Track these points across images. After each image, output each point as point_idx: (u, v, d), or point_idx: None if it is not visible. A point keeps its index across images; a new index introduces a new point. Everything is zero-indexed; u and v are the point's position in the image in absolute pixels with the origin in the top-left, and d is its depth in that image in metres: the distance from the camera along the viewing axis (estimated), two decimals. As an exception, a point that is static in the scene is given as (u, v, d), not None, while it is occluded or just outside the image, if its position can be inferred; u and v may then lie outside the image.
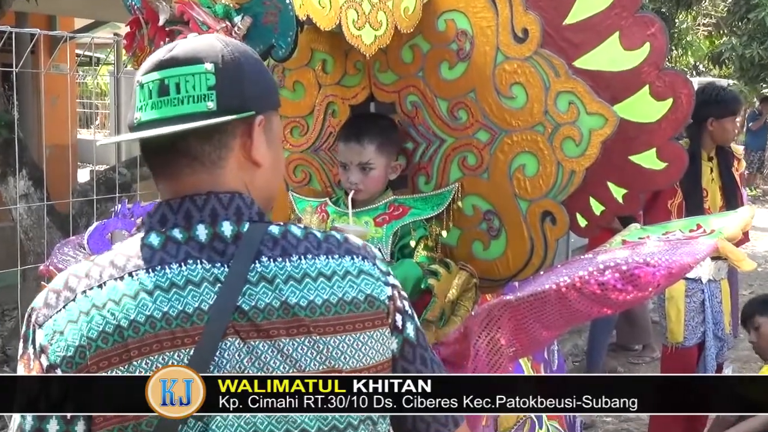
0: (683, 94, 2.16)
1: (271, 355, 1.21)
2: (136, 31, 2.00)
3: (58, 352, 1.16)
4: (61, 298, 1.21)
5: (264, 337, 1.20)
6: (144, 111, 1.25)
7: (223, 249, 1.23)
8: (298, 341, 1.22)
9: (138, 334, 1.16)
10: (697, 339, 4.37)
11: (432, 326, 2.27)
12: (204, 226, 1.24)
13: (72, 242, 2.80)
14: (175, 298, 1.18)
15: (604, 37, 2.21)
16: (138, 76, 1.28)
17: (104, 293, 1.18)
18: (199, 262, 1.21)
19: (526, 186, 2.33)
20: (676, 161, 2.21)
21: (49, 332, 1.18)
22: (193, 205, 1.25)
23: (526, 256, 2.37)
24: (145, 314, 1.17)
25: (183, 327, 1.17)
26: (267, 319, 1.21)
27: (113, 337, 1.16)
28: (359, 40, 2.12)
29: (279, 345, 1.21)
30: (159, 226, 1.25)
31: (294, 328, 1.22)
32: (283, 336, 1.21)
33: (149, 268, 1.20)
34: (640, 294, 1.78)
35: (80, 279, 1.21)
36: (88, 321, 1.17)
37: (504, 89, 2.31)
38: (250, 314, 1.20)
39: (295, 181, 2.73)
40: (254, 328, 1.20)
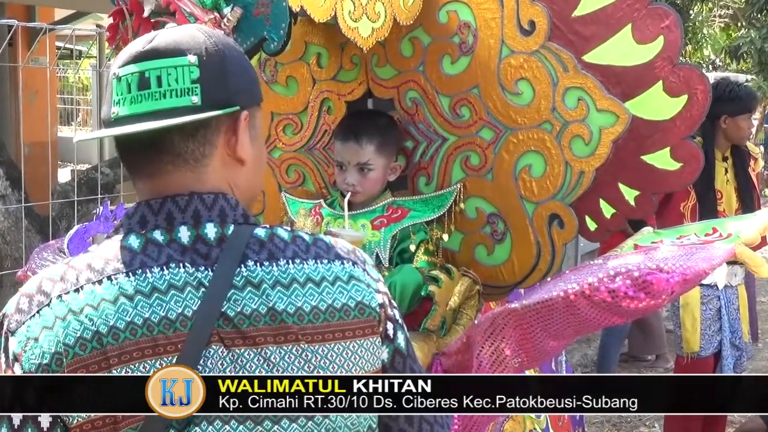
0: (699, 90, 2.16)
1: (257, 363, 1.20)
2: (120, 23, 2.00)
3: (32, 360, 1.15)
4: (34, 302, 1.19)
5: (250, 345, 1.20)
6: (122, 105, 1.24)
7: (206, 252, 1.23)
8: (285, 349, 1.22)
9: (117, 341, 1.15)
10: (713, 348, 4.37)
11: (433, 335, 2.27)
12: (186, 227, 1.24)
13: (51, 246, 2.80)
14: (156, 304, 1.18)
15: (615, 29, 2.21)
16: (114, 69, 1.26)
17: (81, 298, 1.17)
18: (182, 266, 1.21)
19: (532, 187, 2.33)
20: (691, 161, 2.21)
21: (23, 339, 1.17)
22: (175, 206, 1.25)
23: (533, 262, 2.37)
24: (125, 320, 1.16)
25: (165, 334, 1.17)
26: (253, 325, 1.21)
27: (91, 344, 1.15)
28: (356, 33, 2.12)
29: (265, 353, 1.21)
30: (139, 227, 1.24)
31: (281, 336, 1.22)
32: (270, 344, 1.21)
33: (129, 272, 1.19)
34: (653, 302, 1.78)
35: (55, 283, 1.20)
36: (65, 327, 1.16)
37: (509, 85, 2.31)
38: (236, 321, 1.20)
39: (288, 182, 2.73)
40: (239, 335, 1.20)
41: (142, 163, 1.27)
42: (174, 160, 1.26)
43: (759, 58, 10.98)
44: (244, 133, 1.29)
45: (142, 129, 1.22)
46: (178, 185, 1.26)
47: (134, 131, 1.23)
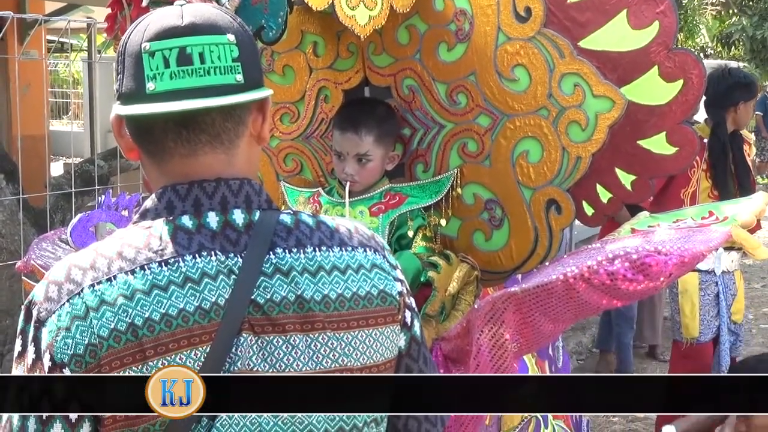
0: (694, 75, 2.18)
1: (285, 351, 1.22)
2: (118, 13, 2.01)
3: (65, 350, 1.14)
4: (63, 291, 1.17)
5: (279, 332, 1.21)
6: (158, 80, 1.21)
7: (236, 239, 1.23)
8: (311, 337, 1.23)
9: (153, 333, 1.15)
10: (712, 333, 4.40)
11: (432, 321, 2.29)
12: (215, 213, 1.24)
13: (49, 237, 2.81)
14: (190, 294, 1.18)
15: (611, 15, 2.22)
16: (142, 42, 1.22)
17: (115, 288, 1.16)
18: (213, 254, 1.21)
19: (529, 173, 2.35)
20: (686, 146, 2.23)
21: (53, 329, 1.16)
22: (203, 192, 1.25)
23: (530, 247, 2.39)
24: (160, 312, 1.16)
25: (200, 324, 1.17)
26: (282, 313, 1.22)
27: (126, 336, 1.15)
28: (353, 21, 2.13)
29: (294, 341, 1.22)
30: (166, 213, 1.24)
31: (308, 324, 1.23)
32: (297, 331, 1.22)
33: (161, 262, 1.19)
34: (652, 284, 1.80)
35: (85, 271, 1.18)
36: (98, 318, 1.15)
37: (506, 71, 2.32)
38: (266, 308, 1.21)
39: (286, 171, 2.74)
40: (269, 323, 1.21)
41: (174, 143, 1.25)
42: (212, 141, 1.25)
43: (750, 45, 11.03)
44: (268, 112, 1.32)
45: (199, 106, 1.21)
46: (207, 168, 1.26)
47: (190, 108, 1.21)
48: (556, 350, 3.11)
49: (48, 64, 10.50)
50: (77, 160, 6.44)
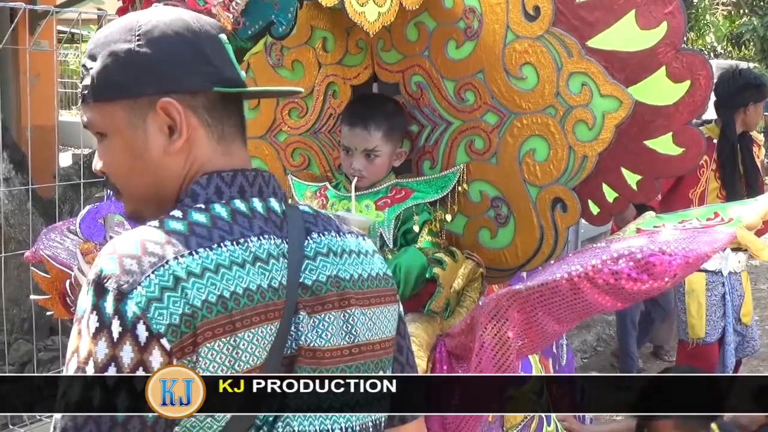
0: (701, 76, 2.19)
1: (336, 326, 1.31)
2: (130, 6, 2.02)
3: (161, 321, 1.14)
4: (145, 263, 1.17)
5: (328, 309, 1.31)
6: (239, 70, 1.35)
7: (279, 224, 1.30)
8: (348, 313, 1.33)
9: (239, 305, 1.19)
10: (718, 334, 4.40)
11: (437, 317, 2.30)
12: (258, 200, 1.31)
13: (59, 228, 2.83)
14: (261, 272, 1.23)
15: (619, 15, 2.23)
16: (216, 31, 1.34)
17: (199, 261, 1.19)
18: (272, 237, 1.28)
19: (536, 171, 2.35)
20: (693, 147, 2.23)
21: (142, 300, 1.14)
22: (245, 179, 1.31)
23: (536, 245, 2.40)
24: (242, 286, 1.20)
25: (273, 300, 1.23)
26: (329, 291, 1.31)
27: (216, 308, 1.17)
28: (362, 17, 2.14)
29: (332, 318, 1.31)
30: (216, 197, 1.29)
31: (345, 300, 1.33)
32: (336, 308, 1.32)
33: (233, 240, 1.23)
34: (656, 284, 1.80)
35: (163, 245, 1.19)
36: (190, 288, 1.16)
37: (514, 70, 2.33)
38: (314, 288, 1.30)
39: (293, 165, 2.75)
40: (318, 302, 1.30)
41: (236, 130, 1.36)
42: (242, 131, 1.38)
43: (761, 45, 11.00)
44: None
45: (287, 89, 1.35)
46: (243, 157, 1.36)
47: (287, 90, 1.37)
48: (560, 348, 3.12)
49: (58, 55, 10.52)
50: (86, 150, 6.45)
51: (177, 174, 1.31)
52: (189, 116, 1.29)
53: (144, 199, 1.34)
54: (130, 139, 1.30)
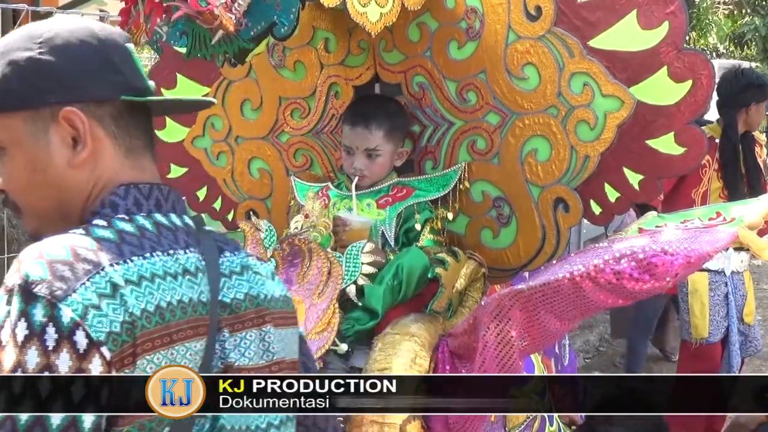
0: (703, 76, 2.18)
1: (256, 345, 1.28)
2: (132, 7, 2.02)
3: (100, 328, 1.08)
4: (78, 269, 1.10)
5: (248, 327, 1.27)
6: (147, 80, 1.29)
7: (195, 241, 1.26)
8: (264, 330, 1.30)
9: (175, 317, 1.16)
10: (721, 334, 4.40)
11: (439, 317, 2.30)
12: (174, 215, 1.27)
13: (61, 229, 2.83)
14: (190, 285, 1.20)
15: (621, 15, 2.23)
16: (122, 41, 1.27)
17: (134, 269, 1.14)
18: (195, 252, 1.24)
19: (538, 171, 2.36)
20: (695, 146, 2.23)
21: (79, 306, 1.07)
22: (161, 194, 1.27)
23: (538, 245, 2.40)
24: (176, 298, 1.17)
25: (202, 315, 1.20)
26: (247, 309, 1.28)
27: (155, 318, 1.13)
28: (364, 18, 2.14)
29: (260, 334, 1.28)
30: (136, 209, 1.24)
31: (260, 318, 1.29)
32: (254, 326, 1.28)
33: (164, 251, 1.19)
34: (657, 284, 1.81)
35: (96, 252, 1.13)
36: (129, 296, 1.11)
37: (515, 70, 2.33)
38: (233, 306, 1.26)
39: (296, 166, 2.76)
40: (238, 320, 1.26)
41: (147, 140, 1.31)
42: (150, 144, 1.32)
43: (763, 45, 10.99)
44: None
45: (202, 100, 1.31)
46: (152, 171, 1.31)
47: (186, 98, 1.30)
48: (562, 348, 3.12)
49: (61, 56, 10.49)
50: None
51: (82, 189, 1.24)
52: (94, 127, 1.22)
53: (46, 216, 1.26)
54: (32, 152, 1.22)
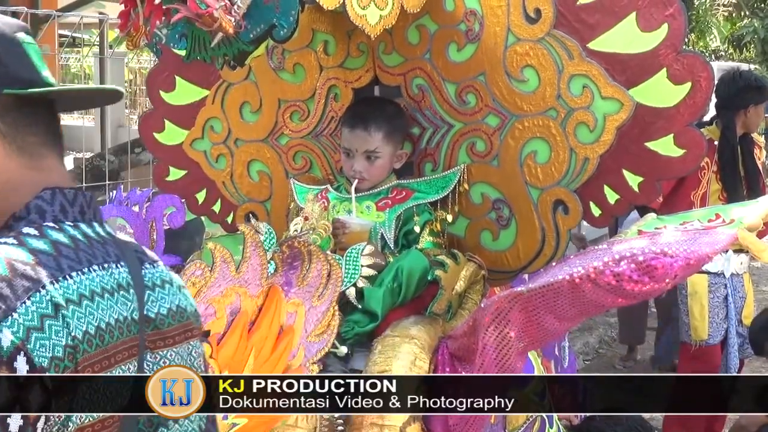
0: (702, 78, 2.19)
1: (178, 362, 1.21)
2: (132, 10, 2.02)
3: (43, 353, 1.01)
4: (17, 287, 1.02)
5: (170, 345, 1.20)
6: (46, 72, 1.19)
7: (122, 252, 1.19)
8: (192, 345, 1.25)
9: (113, 338, 1.09)
10: (720, 336, 4.40)
11: (439, 319, 2.30)
12: (97, 224, 1.19)
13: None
14: (123, 302, 1.13)
15: (620, 17, 2.23)
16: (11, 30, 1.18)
17: (74, 287, 1.06)
18: (123, 264, 1.17)
19: (537, 173, 2.36)
20: (694, 148, 2.23)
21: (19, 329, 1.00)
22: (84, 200, 1.19)
23: (537, 247, 2.40)
24: (113, 317, 1.10)
25: (134, 333, 1.13)
26: (170, 324, 1.21)
27: (96, 340, 1.06)
28: (364, 20, 2.15)
29: (187, 349, 1.24)
30: (63, 216, 1.15)
31: (188, 332, 1.24)
32: (178, 343, 1.22)
33: (99, 265, 1.12)
34: (657, 285, 1.81)
35: (34, 267, 1.05)
36: (71, 317, 1.04)
37: (515, 72, 2.34)
38: (157, 321, 1.19)
39: (295, 168, 2.76)
40: (160, 337, 1.19)
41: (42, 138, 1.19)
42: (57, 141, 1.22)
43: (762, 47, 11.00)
44: None
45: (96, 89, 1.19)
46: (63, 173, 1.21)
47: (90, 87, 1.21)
48: (562, 350, 3.12)
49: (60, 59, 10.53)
50: (88, 154, 6.47)
51: None
52: None
53: None
54: None
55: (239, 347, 1.82)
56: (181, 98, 2.89)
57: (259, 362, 1.88)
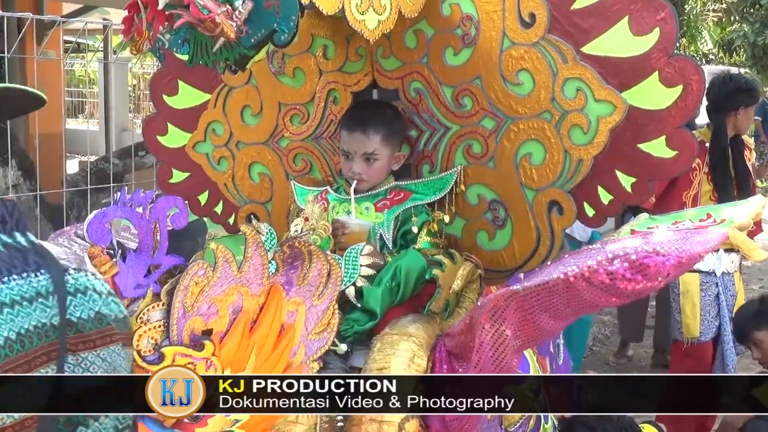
0: (693, 81, 2.19)
1: (97, 365, 1.21)
2: (135, 15, 2.02)
3: None
4: None
5: (90, 348, 1.21)
6: None
7: (43, 260, 1.21)
8: (111, 349, 1.24)
9: (33, 344, 1.12)
10: (712, 333, 4.41)
11: (437, 318, 2.30)
12: (19, 234, 1.21)
13: (66, 233, 2.83)
14: (42, 309, 1.15)
15: (613, 22, 2.24)
16: None
17: None
18: (44, 272, 1.19)
19: (532, 175, 2.36)
20: (685, 149, 2.24)
21: None
22: (6, 210, 1.21)
23: (533, 247, 2.40)
24: (32, 323, 1.13)
25: (54, 339, 1.15)
26: (92, 329, 1.22)
27: (17, 346, 1.10)
28: (362, 25, 2.15)
29: (102, 355, 1.23)
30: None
31: (108, 337, 1.24)
32: (98, 347, 1.22)
33: (18, 275, 1.15)
34: (650, 284, 1.81)
35: None
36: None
37: (510, 75, 2.34)
38: (79, 326, 1.20)
39: (296, 170, 2.76)
40: (81, 340, 1.20)
41: None
42: None
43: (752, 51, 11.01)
44: None
45: None
46: None
47: None
48: (557, 347, 3.12)
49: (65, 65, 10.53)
50: (92, 157, 6.48)
51: None
52: None
53: None
54: None
55: (241, 345, 1.82)
56: (183, 102, 2.89)
57: (261, 359, 1.87)
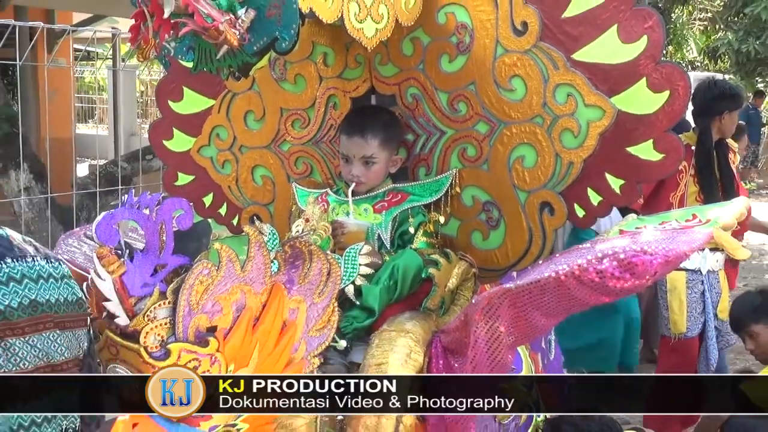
0: (680, 86, 2.19)
1: (26, 351, 1.24)
2: (141, 24, 2.01)
3: None
4: None
5: (18, 335, 1.23)
6: None
7: None
8: (44, 336, 1.27)
9: None
10: (698, 329, 4.42)
11: (432, 315, 2.30)
12: None
13: (75, 234, 2.83)
14: None
15: (602, 30, 2.23)
16: None
17: None
18: None
19: (524, 177, 2.36)
20: (672, 152, 2.24)
21: None
22: None
23: (525, 246, 2.40)
24: None
25: None
26: (20, 317, 1.23)
27: None
28: (361, 33, 2.15)
29: (32, 341, 1.25)
30: None
31: (41, 324, 1.26)
32: (27, 333, 1.24)
33: None
34: (638, 282, 1.81)
35: None
36: None
37: (503, 82, 2.34)
38: (6, 313, 1.22)
39: (297, 173, 2.76)
40: (8, 327, 1.22)
41: None
42: None
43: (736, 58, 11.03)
44: None
45: None
46: None
47: None
48: (548, 343, 3.11)
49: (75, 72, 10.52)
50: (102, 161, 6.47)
51: None
52: None
53: None
54: None
55: (245, 341, 1.82)
56: (188, 107, 2.89)
57: (264, 356, 1.87)
